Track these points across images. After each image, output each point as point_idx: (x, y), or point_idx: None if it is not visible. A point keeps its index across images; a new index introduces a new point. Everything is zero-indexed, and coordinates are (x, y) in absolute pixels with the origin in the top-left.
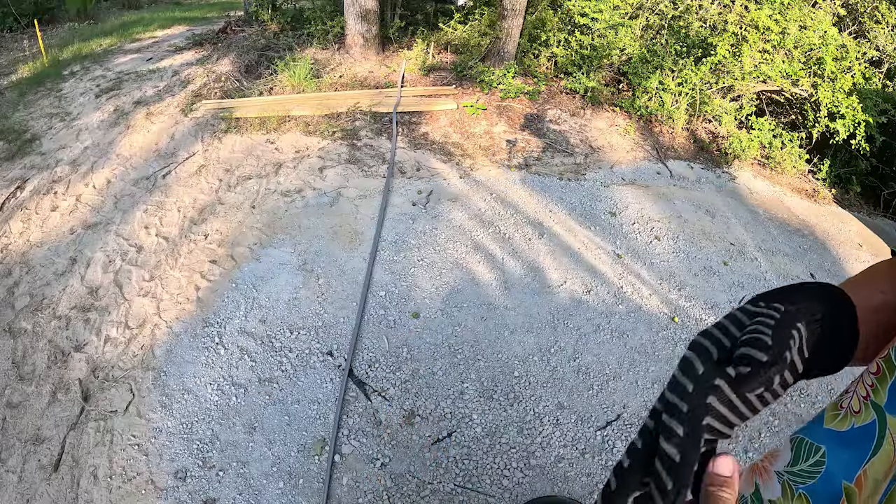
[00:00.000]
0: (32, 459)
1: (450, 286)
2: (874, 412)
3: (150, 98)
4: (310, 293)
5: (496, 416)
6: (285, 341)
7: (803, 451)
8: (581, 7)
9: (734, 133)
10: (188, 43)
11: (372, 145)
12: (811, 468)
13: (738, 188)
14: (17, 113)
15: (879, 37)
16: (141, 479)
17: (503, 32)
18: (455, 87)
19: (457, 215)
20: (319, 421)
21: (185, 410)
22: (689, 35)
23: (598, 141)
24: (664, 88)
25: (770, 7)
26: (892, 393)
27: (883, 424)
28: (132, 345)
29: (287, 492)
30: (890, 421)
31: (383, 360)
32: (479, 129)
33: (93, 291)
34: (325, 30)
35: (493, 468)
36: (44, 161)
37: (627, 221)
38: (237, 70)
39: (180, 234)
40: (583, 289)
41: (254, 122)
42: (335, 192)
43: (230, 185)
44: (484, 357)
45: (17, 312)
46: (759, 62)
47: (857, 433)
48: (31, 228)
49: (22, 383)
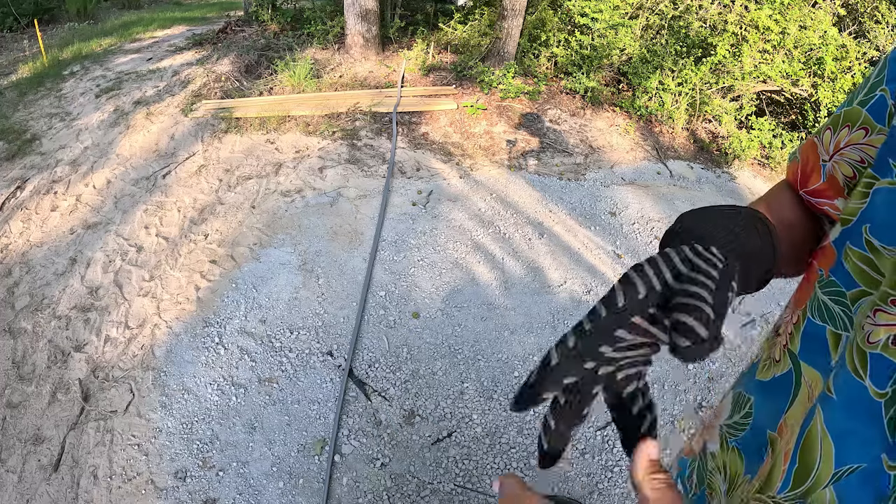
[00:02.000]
0: (32, 459)
1: (450, 286)
2: (790, 360)
3: (150, 98)
4: (310, 293)
5: (496, 416)
6: (285, 341)
7: (738, 404)
8: (581, 7)
9: (734, 133)
10: (188, 43)
11: (372, 145)
12: (742, 420)
13: (738, 188)
14: (18, 113)
15: (879, 37)
16: (141, 479)
17: (503, 32)
18: (455, 88)
19: (457, 215)
20: (319, 421)
21: (185, 410)
22: (689, 35)
23: (598, 141)
24: (664, 88)
25: (770, 7)
26: (804, 340)
27: (798, 372)
28: (132, 345)
29: (287, 492)
30: (804, 368)
31: (383, 360)
32: (479, 129)
33: (93, 291)
34: (325, 30)
35: (494, 468)
36: (44, 161)
37: (627, 221)
38: (237, 70)
39: (180, 234)
40: (583, 289)
41: (254, 122)
42: (335, 192)
43: (230, 185)
44: (484, 357)
45: (17, 312)
46: (759, 62)
47: (777, 382)
48: (31, 228)
49: (22, 383)
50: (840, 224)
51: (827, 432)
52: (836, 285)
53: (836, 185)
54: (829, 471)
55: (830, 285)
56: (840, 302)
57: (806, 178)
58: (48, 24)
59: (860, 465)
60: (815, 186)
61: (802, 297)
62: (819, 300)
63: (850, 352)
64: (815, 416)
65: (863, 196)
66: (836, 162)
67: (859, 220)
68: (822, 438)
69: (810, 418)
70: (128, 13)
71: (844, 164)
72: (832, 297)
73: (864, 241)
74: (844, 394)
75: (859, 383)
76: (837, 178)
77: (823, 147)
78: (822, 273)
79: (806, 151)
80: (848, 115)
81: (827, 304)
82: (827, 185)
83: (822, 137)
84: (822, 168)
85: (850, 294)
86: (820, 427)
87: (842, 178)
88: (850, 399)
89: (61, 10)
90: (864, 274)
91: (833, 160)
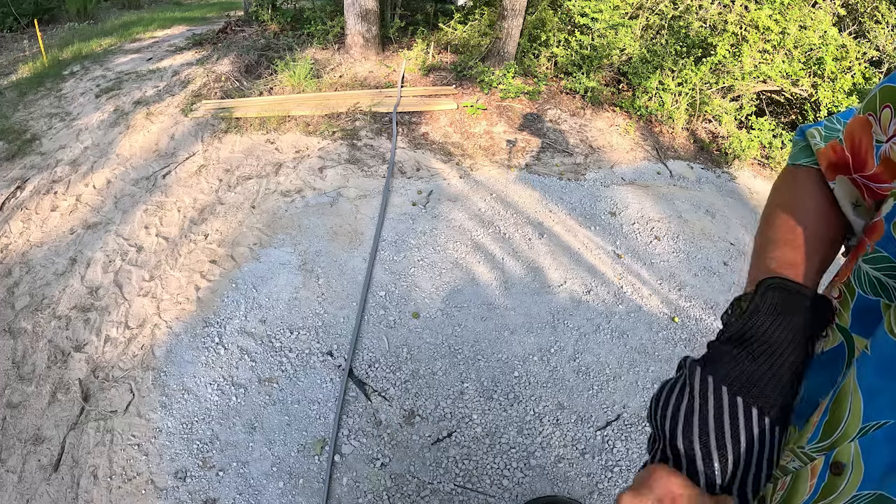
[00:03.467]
0: (32, 459)
1: (450, 286)
2: (840, 335)
3: (150, 98)
4: (310, 293)
5: (496, 416)
6: (285, 341)
7: None
8: (581, 7)
9: (734, 133)
10: (188, 43)
11: (372, 145)
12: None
13: (738, 188)
14: (17, 113)
15: (879, 37)
16: (141, 479)
17: (503, 32)
18: (455, 88)
19: (457, 215)
20: (319, 421)
21: (185, 410)
22: (689, 35)
23: (598, 141)
24: (664, 88)
25: (770, 7)
26: (854, 315)
27: (851, 344)
28: (132, 345)
29: (287, 492)
30: (856, 339)
31: (383, 360)
32: (479, 129)
33: (93, 291)
34: (325, 30)
35: (493, 468)
36: (44, 161)
37: (627, 221)
38: (237, 70)
39: (180, 234)
40: (583, 289)
41: (254, 122)
42: (335, 192)
43: (230, 185)
44: (484, 357)
45: (17, 312)
46: (759, 62)
47: (828, 356)
48: (31, 228)
49: (22, 383)
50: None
51: (858, 388)
52: (888, 259)
53: (891, 167)
54: (857, 425)
55: (881, 260)
56: (893, 275)
57: (862, 163)
58: (48, 24)
59: (887, 421)
60: (871, 172)
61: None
62: (870, 275)
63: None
64: (850, 373)
65: None
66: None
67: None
68: (853, 394)
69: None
70: (128, 13)
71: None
72: (884, 271)
73: None
74: (878, 352)
75: (893, 342)
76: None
77: (881, 126)
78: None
79: (855, 132)
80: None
81: (879, 279)
82: (882, 168)
83: (879, 116)
84: (876, 150)
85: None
86: (852, 383)
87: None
88: (882, 357)
89: (61, 10)
90: None
91: (892, 141)
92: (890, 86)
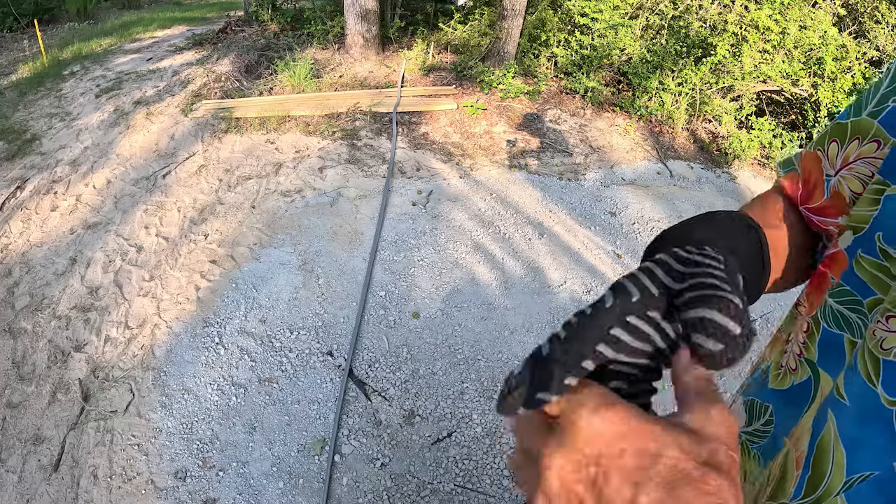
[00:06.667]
0: (32, 459)
1: (450, 286)
2: (808, 368)
3: (150, 98)
4: (310, 293)
5: (496, 416)
6: (285, 341)
7: (755, 412)
8: (581, 7)
9: (734, 133)
10: (188, 43)
11: (372, 145)
12: (763, 427)
13: (738, 188)
14: (18, 113)
15: (879, 37)
16: (141, 479)
17: (503, 32)
18: (455, 88)
19: (457, 215)
20: (319, 421)
21: (185, 410)
22: (689, 35)
23: (598, 141)
24: (664, 88)
25: (770, 7)
26: (821, 349)
27: (817, 379)
28: (132, 345)
29: (287, 492)
30: (823, 375)
31: (383, 360)
32: (479, 129)
33: (93, 291)
34: (325, 30)
35: (494, 468)
36: (44, 161)
37: (627, 221)
38: (237, 70)
39: (180, 234)
40: (583, 289)
41: (254, 122)
42: (335, 192)
43: (230, 185)
44: (484, 357)
45: (17, 312)
46: (759, 62)
47: (796, 390)
48: (31, 228)
49: (22, 383)
50: (851, 231)
51: (839, 440)
52: (851, 294)
53: (840, 202)
54: (841, 479)
55: (844, 294)
56: (857, 310)
57: (808, 195)
58: (48, 24)
59: (872, 472)
60: (818, 204)
61: (813, 304)
62: (833, 309)
63: (862, 357)
64: (829, 424)
65: (872, 203)
66: (843, 177)
67: (872, 228)
68: (835, 446)
69: (822, 425)
70: (128, 13)
71: (853, 179)
72: (847, 305)
73: (878, 249)
74: (857, 401)
75: (871, 390)
76: (843, 194)
77: (829, 161)
78: (834, 280)
79: (807, 165)
80: (857, 126)
81: (843, 313)
82: (830, 203)
83: (827, 150)
84: (826, 183)
85: (867, 302)
86: (833, 435)
87: (848, 195)
88: (862, 406)
89: (61, 10)
90: (879, 282)
91: (840, 175)
92: (839, 122)
